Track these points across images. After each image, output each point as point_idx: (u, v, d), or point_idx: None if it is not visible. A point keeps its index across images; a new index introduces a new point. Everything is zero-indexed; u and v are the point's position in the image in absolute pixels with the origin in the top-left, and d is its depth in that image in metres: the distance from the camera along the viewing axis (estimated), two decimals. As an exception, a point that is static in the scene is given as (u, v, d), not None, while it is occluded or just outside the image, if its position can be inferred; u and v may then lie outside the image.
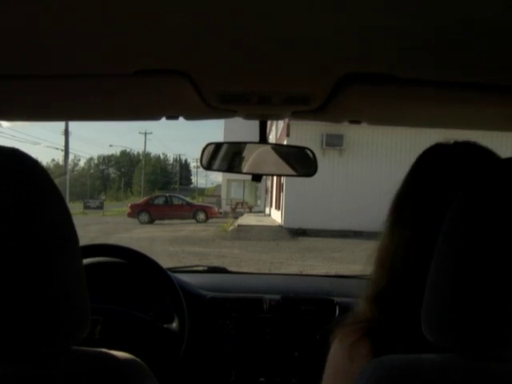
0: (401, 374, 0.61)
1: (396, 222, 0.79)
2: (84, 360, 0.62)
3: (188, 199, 25.67)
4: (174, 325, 1.45)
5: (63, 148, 25.60)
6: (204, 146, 1.30)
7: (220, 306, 1.63)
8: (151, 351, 1.41)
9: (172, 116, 1.14)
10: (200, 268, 2.10)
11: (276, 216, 17.96)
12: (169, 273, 1.54)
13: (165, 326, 1.45)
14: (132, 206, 21.86)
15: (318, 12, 0.59)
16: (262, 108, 1.06)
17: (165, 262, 1.64)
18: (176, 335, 1.43)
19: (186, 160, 78.50)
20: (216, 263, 6.93)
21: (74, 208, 25.71)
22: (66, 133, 24.44)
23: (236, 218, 20.18)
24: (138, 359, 0.67)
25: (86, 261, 1.52)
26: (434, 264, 0.65)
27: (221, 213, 23.21)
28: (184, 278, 1.71)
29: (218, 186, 45.37)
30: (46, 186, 0.59)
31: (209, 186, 70.14)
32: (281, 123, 17.21)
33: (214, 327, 1.60)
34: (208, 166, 1.31)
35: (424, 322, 0.66)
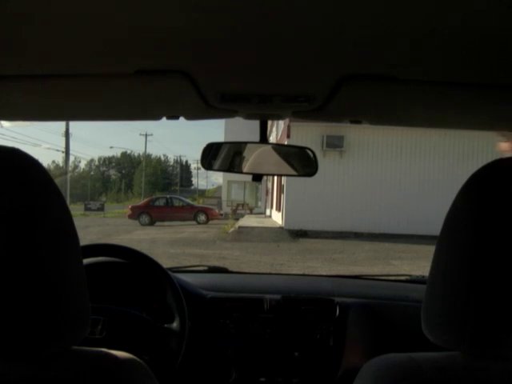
0: (402, 372, 0.61)
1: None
2: (84, 360, 0.62)
3: (189, 201, 25.65)
4: (175, 324, 1.45)
5: (64, 150, 25.65)
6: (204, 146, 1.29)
7: (220, 306, 1.62)
8: (151, 351, 1.41)
9: (172, 116, 1.14)
10: (200, 268, 2.10)
11: (277, 217, 17.94)
12: (169, 272, 1.54)
13: (165, 325, 1.45)
14: (133, 208, 21.84)
15: (318, 12, 0.59)
16: (262, 108, 1.06)
17: (165, 264, 1.63)
18: (176, 335, 1.43)
19: (186, 161, 78.61)
20: (217, 265, 6.93)
21: (75, 210, 25.62)
22: (67, 133, 24.46)
23: (237, 219, 20.14)
24: (138, 359, 0.67)
25: (86, 261, 1.52)
26: (433, 263, 0.65)
27: (221, 214, 23.19)
28: (184, 277, 1.71)
29: (219, 188, 45.31)
30: (47, 186, 0.60)
31: (209, 187, 70.18)
32: (281, 125, 17.20)
33: (214, 327, 1.60)
34: (208, 166, 1.30)
35: (424, 322, 0.66)
